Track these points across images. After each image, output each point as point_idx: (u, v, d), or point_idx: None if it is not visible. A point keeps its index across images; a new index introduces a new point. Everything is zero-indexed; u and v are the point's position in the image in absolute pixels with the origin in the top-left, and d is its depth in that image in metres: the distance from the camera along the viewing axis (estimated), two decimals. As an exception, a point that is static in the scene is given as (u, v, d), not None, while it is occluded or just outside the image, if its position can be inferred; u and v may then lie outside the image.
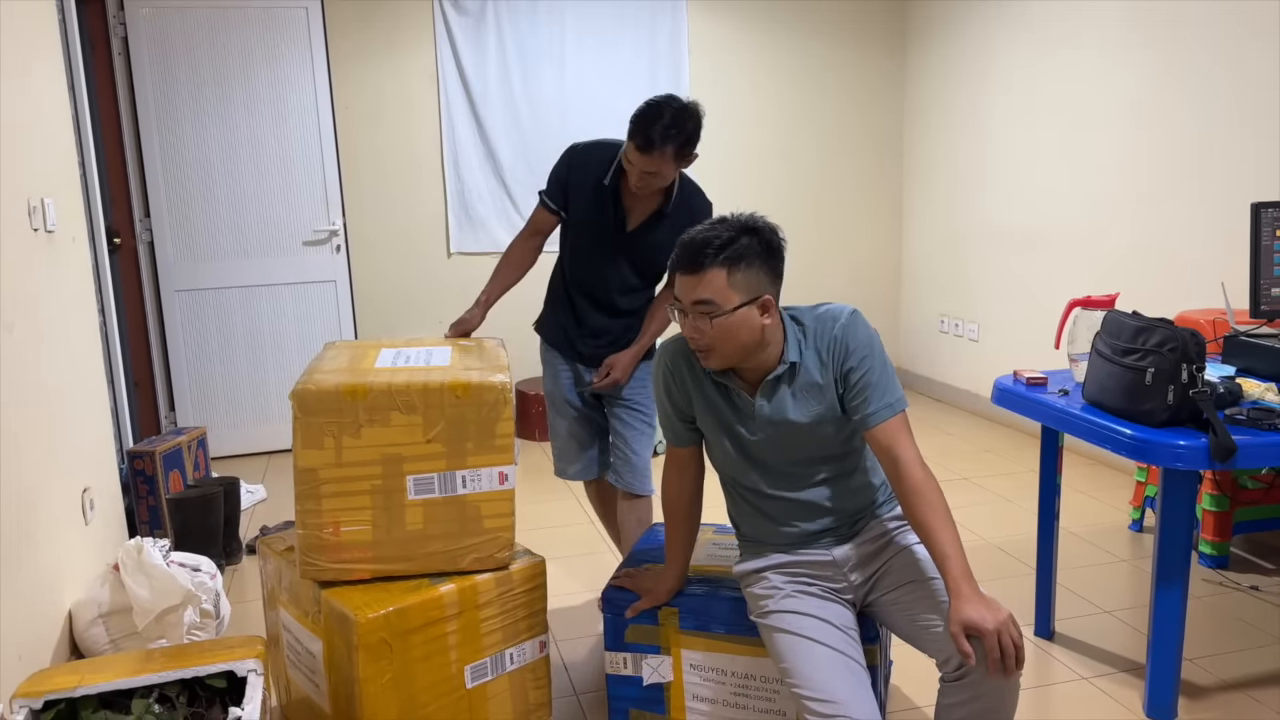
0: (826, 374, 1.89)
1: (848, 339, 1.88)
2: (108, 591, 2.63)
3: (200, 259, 4.78)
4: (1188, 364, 2.10)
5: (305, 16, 4.72)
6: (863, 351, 1.87)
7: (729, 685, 2.11)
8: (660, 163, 2.46)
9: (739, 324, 1.81)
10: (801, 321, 1.93)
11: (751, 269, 1.81)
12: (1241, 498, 3.16)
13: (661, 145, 2.42)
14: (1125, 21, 4.09)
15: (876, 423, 1.85)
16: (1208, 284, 3.60)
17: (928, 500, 1.77)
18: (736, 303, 1.80)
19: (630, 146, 2.49)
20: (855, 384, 1.87)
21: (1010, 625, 1.61)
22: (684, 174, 2.65)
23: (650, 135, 2.42)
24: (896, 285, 6.04)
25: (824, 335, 1.90)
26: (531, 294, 2.99)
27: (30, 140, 2.73)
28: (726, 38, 5.48)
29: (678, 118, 2.44)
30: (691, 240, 1.83)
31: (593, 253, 2.71)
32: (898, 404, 1.86)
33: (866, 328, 1.90)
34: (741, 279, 1.80)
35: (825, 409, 1.90)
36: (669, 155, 2.45)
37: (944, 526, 1.74)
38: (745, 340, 1.83)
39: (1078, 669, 2.63)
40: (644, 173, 2.49)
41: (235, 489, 3.62)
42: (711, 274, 1.79)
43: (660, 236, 2.59)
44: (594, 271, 2.72)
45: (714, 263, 1.79)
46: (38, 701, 1.82)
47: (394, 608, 1.98)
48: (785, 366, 1.88)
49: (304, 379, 2.04)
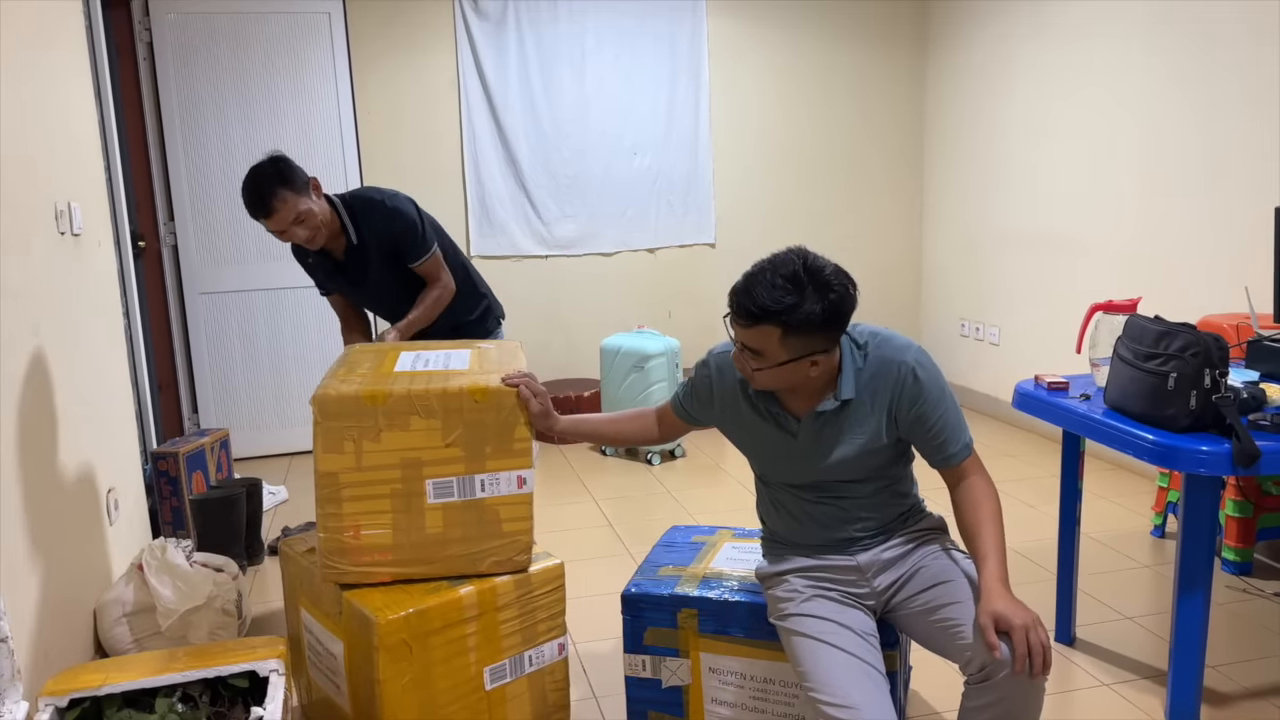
0: (880, 407, 1.87)
1: (921, 383, 1.85)
2: (132, 591, 2.66)
3: (223, 262, 4.82)
4: (1211, 369, 2.08)
5: (328, 21, 4.76)
6: (936, 396, 1.86)
7: (748, 689, 2.11)
8: (285, 212, 2.61)
9: (788, 373, 1.80)
10: (862, 346, 1.88)
11: (809, 335, 1.74)
12: (1265, 504, 3.13)
13: (270, 202, 2.59)
14: (1148, 23, 4.06)
15: (956, 464, 1.88)
16: (1231, 288, 3.57)
17: (984, 507, 1.83)
18: (784, 359, 1.77)
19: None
20: (930, 428, 1.86)
21: (1038, 626, 1.64)
22: (348, 201, 2.82)
23: (252, 202, 2.61)
24: (917, 288, 6.02)
25: (888, 371, 1.86)
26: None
27: (57, 145, 2.77)
28: (746, 38, 5.48)
29: (260, 177, 2.61)
30: (752, 289, 1.72)
31: (360, 298, 3.03)
32: (971, 441, 1.90)
33: (936, 369, 1.89)
34: (795, 341, 1.74)
35: (871, 438, 1.89)
36: (287, 199, 2.60)
37: (992, 532, 1.79)
38: (796, 381, 1.83)
39: (1099, 675, 2.61)
40: (285, 230, 2.66)
41: (257, 490, 3.65)
42: (765, 330, 1.73)
43: (374, 259, 2.82)
44: (376, 305, 3.03)
45: (769, 323, 1.72)
46: (63, 700, 1.84)
47: (414, 610, 1.99)
48: (838, 404, 1.86)
49: (324, 384, 2.05)
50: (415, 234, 2.80)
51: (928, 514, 2.05)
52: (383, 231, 2.79)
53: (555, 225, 5.33)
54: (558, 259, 5.38)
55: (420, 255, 2.83)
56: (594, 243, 5.42)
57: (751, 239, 5.50)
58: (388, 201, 2.79)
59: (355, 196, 2.83)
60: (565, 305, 5.37)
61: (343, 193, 2.84)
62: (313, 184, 2.69)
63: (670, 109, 5.37)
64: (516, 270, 5.27)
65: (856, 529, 1.97)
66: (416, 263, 2.83)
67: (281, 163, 2.64)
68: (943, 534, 2.02)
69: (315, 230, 2.68)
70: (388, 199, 2.80)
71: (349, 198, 2.82)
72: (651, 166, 5.41)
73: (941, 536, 2.01)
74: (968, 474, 1.89)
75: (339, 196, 2.82)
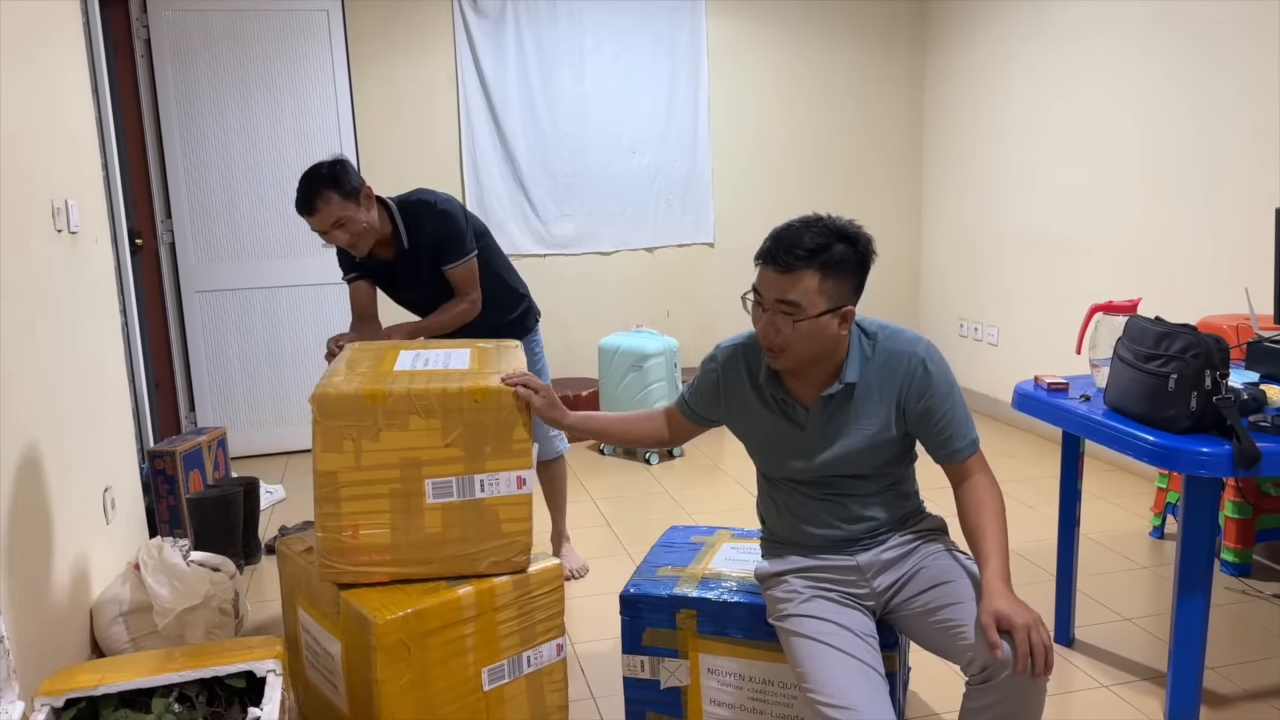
0: (891, 399, 1.88)
1: (931, 376, 1.86)
2: (128, 590, 2.65)
3: (221, 260, 4.81)
4: (1211, 370, 2.08)
5: (326, 19, 4.75)
6: (945, 390, 1.87)
7: (747, 690, 2.11)
8: (326, 214, 2.65)
9: (819, 330, 1.79)
10: (871, 336, 1.90)
11: (842, 279, 1.78)
12: (1264, 505, 3.13)
13: (314, 201, 2.64)
14: (1147, 23, 4.06)
15: (960, 460, 1.88)
16: (1231, 289, 3.57)
17: (988, 507, 1.83)
18: (821, 309, 1.77)
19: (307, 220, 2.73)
20: (938, 422, 1.87)
21: (1040, 626, 1.64)
22: (402, 205, 2.85)
23: (299, 198, 2.67)
24: (915, 287, 6.02)
25: (898, 364, 1.87)
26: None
27: (54, 142, 2.76)
28: (745, 38, 5.47)
29: (312, 178, 2.66)
30: (785, 237, 1.78)
31: (405, 299, 3.07)
32: (977, 438, 1.90)
33: (945, 364, 1.90)
34: (831, 287, 1.77)
35: (878, 430, 1.89)
36: (332, 201, 2.65)
37: (995, 531, 1.80)
38: (819, 347, 1.82)
39: (1098, 677, 2.61)
40: (328, 232, 2.69)
41: (255, 489, 3.64)
42: (804, 277, 1.76)
43: (424, 263, 2.86)
44: (418, 309, 3.04)
45: (809, 266, 1.75)
46: (59, 700, 1.83)
47: (412, 610, 1.99)
48: (841, 386, 1.87)
49: (323, 383, 2.05)
50: (457, 237, 2.84)
51: (928, 515, 2.05)
52: (431, 233, 2.82)
53: (553, 224, 5.32)
54: (556, 258, 5.37)
55: (455, 259, 2.85)
56: (592, 242, 5.41)
57: (750, 239, 5.41)
58: (439, 204, 2.84)
59: (408, 200, 2.87)
60: (563, 304, 5.36)
61: (397, 196, 2.88)
62: (365, 191, 2.72)
63: (669, 108, 5.37)
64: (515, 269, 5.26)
65: (858, 529, 1.96)
66: (450, 266, 2.85)
67: (338, 165, 2.68)
68: (943, 534, 2.02)
69: (357, 236, 2.72)
70: (439, 201, 2.85)
71: (403, 201, 2.86)
72: (650, 166, 5.41)
73: (942, 537, 2.00)
74: (972, 472, 1.89)
75: (394, 200, 2.85)
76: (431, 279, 2.90)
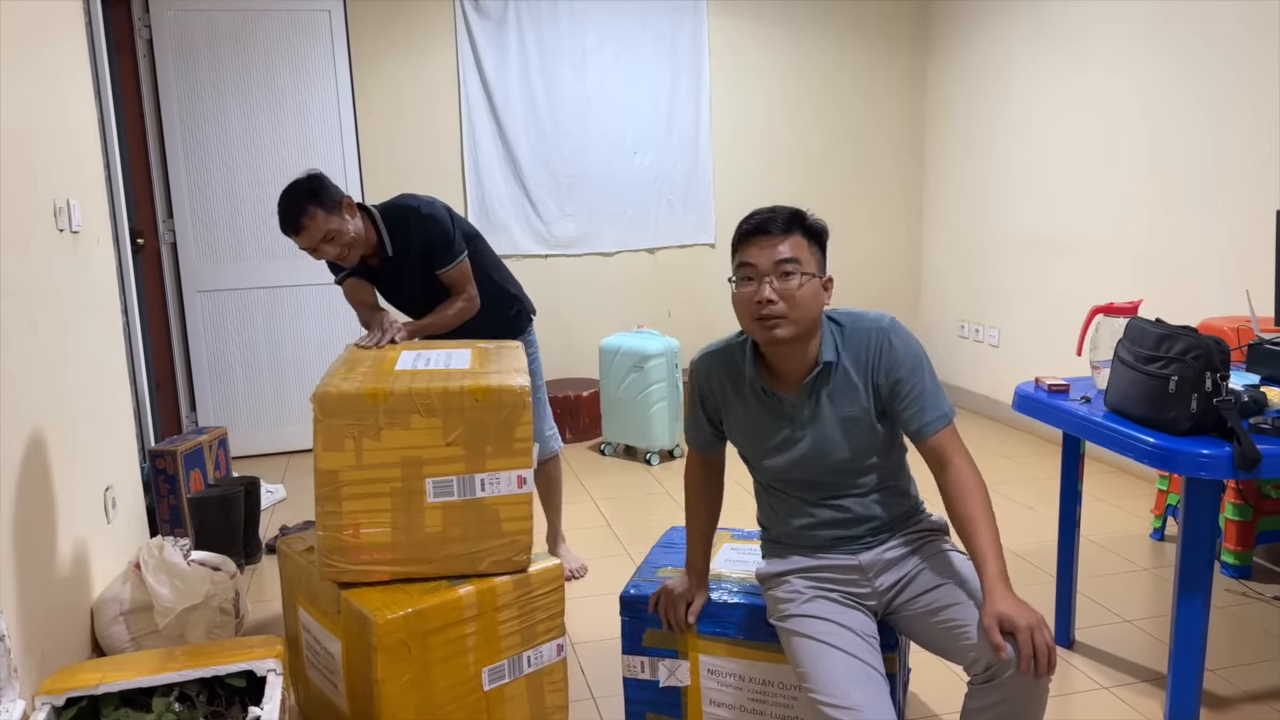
0: (864, 378, 1.89)
1: (895, 349, 1.87)
2: (129, 590, 2.65)
3: (222, 260, 4.81)
4: (1212, 372, 2.08)
5: (328, 19, 4.76)
6: (912, 362, 1.87)
7: (746, 690, 2.11)
8: (314, 229, 2.63)
9: (815, 293, 1.83)
10: (839, 322, 1.93)
11: (818, 249, 1.87)
12: (1265, 507, 3.13)
13: (299, 219, 2.63)
14: (1148, 23, 4.06)
15: (931, 433, 1.86)
16: (1232, 291, 3.57)
17: (975, 501, 1.81)
18: (814, 270, 1.84)
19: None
20: (906, 395, 1.87)
21: (1043, 626, 1.63)
22: (386, 212, 2.85)
23: (283, 218, 2.66)
24: (916, 289, 6.02)
25: (865, 341, 1.89)
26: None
27: (56, 142, 2.76)
28: (747, 38, 5.48)
29: (293, 195, 2.65)
30: (764, 212, 1.85)
31: (394, 304, 3.04)
32: (950, 413, 1.89)
33: (911, 337, 1.91)
34: (816, 254, 1.86)
35: (860, 412, 1.90)
36: (317, 216, 2.63)
37: (986, 528, 1.78)
38: (814, 313, 1.85)
39: (1098, 678, 2.61)
40: (316, 248, 2.68)
41: (255, 489, 3.64)
42: (796, 238, 1.83)
43: (409, 269, 2.86)
44: (410, 312, 3.00)
45: (798, 229, 1.83)
46: (60, 699, 1.83)
47: (413, 609, 1.99)
48: (821, 366, 1.88)
49: (324, 381, 2.05)
50: (445, 240, 2.83)
51: (928, 515, 2.05)
52: (417, 239, 2.81)
53: (555, 225, 5.32)
54: (557, 258, 5.37)
55: (446, 262, 2.84)
56: (594, 242, 5.41)
57: (751, 239, 5.47)
58: (423, 209, 2.82)
59: (391, 207, 2.86)
60: (565, 305, 5.36)
61: (380, 203, 2.87)
62: (345, 202, 2.70)
63: (671, 108, 5.37)
64: (516, 270, 5.17)
65: (856, 529, 1.96)
66: (442, 269, 2.85)
67: (315, 181, 2.66)
68: (944, 535, 2.02)
69: (346, 247, 2.71)
70: (423, 206, 2.83)
71: (386, 209, 2.85)
72: (652, 166, 5.41)
73: (943, 538, 2.00)
74: (950, 455, 1.85)
75: (376, 208, 2.84)
76: (422, 283, 2.89)
